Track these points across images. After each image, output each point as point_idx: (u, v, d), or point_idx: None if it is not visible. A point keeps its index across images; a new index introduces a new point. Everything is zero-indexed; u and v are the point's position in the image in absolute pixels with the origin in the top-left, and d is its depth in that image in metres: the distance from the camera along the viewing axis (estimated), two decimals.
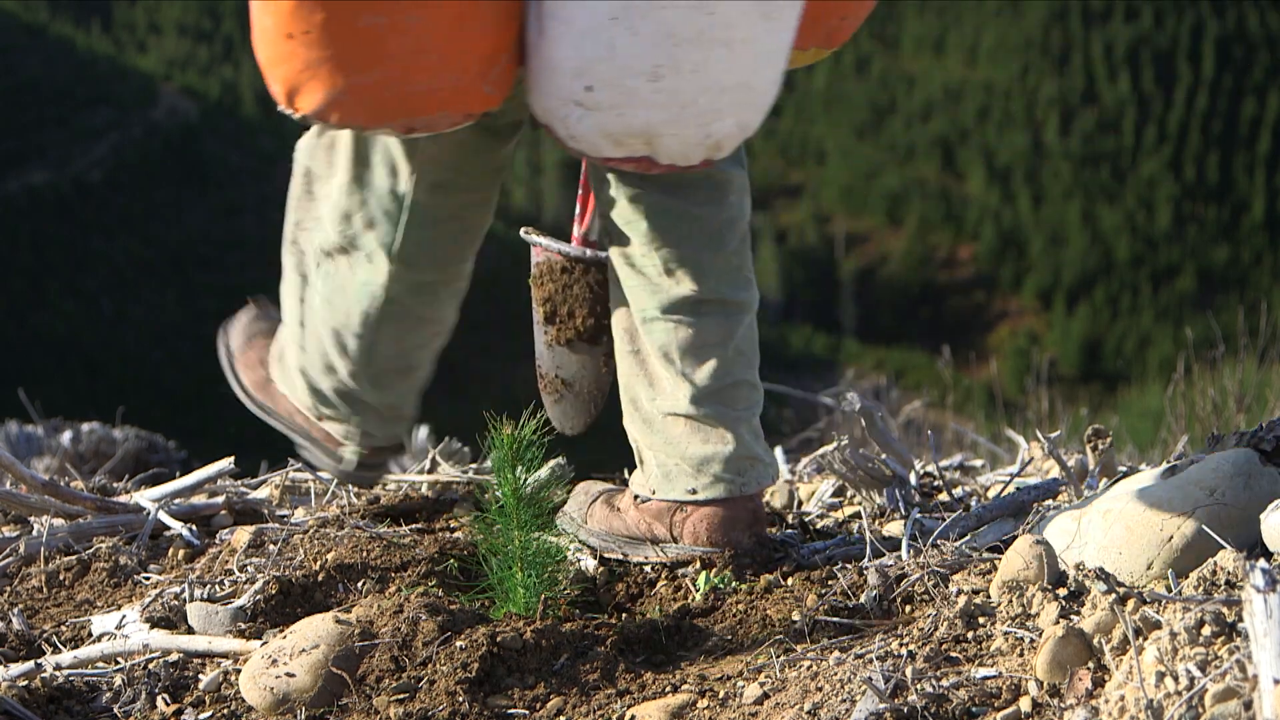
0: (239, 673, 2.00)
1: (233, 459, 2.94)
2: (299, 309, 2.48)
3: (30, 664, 2.13)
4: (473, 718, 1.83)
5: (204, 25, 52.66)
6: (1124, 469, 2.79)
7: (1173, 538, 1.97)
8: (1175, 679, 1.49)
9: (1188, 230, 45.92)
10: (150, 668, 2.10)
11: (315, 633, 1.96)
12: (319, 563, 2.36)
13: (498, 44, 2.03)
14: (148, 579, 2.49)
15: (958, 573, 2.09)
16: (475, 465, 3.20)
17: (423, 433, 5.42)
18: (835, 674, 1.78)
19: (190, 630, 2.22)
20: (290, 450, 2.76)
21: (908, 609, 2.03)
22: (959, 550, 2.17)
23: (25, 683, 2.04)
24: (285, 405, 2.60)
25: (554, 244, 2.49)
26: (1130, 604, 1.69)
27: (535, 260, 2.53)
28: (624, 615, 2.24)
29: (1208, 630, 1.56)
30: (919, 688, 1.66)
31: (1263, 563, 1.49)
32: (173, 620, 2.25)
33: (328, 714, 1.90)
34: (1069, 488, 2.56)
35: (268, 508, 2.88)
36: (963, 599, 1.89)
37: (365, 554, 2.38)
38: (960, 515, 2.42)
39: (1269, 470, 2.06)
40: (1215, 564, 1.80)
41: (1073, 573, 1.85)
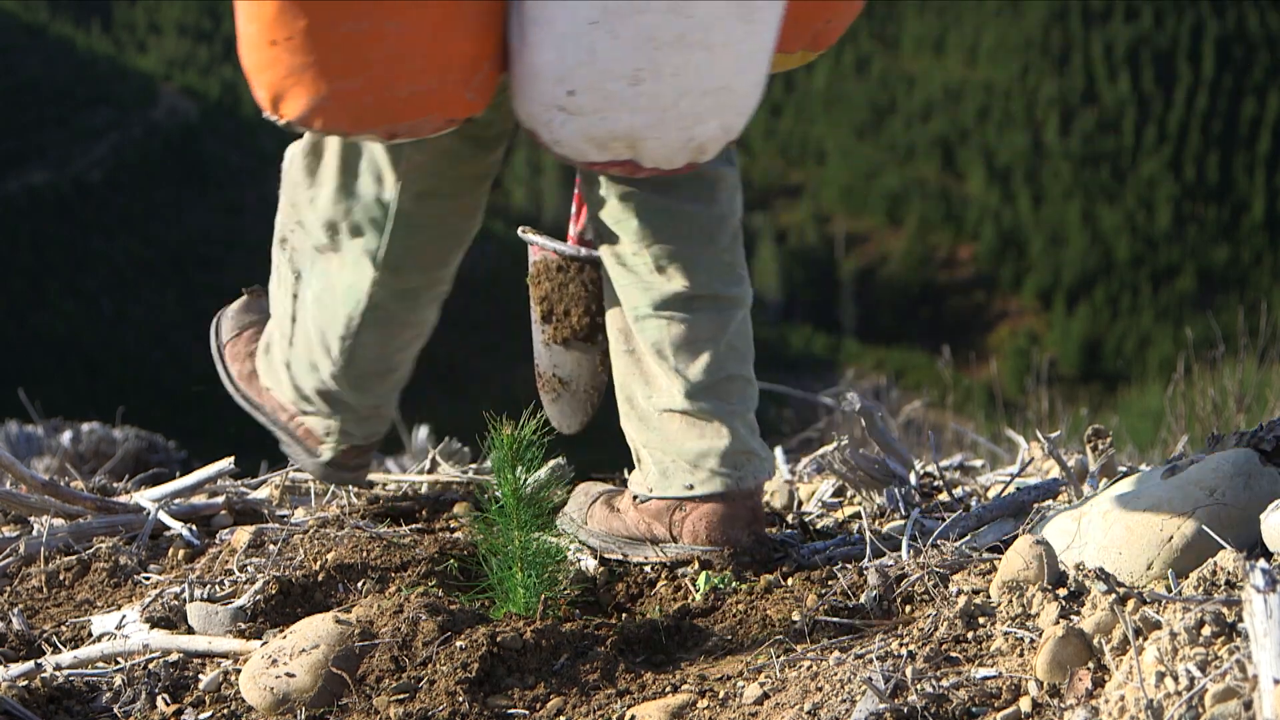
0: (239, 673, 2.00)
1: (233, 459, 2.94)
2: (291, 305, 2.48)
3: (30, 664, 2.13)
4: (473, 718, 1.83)
5: (204, 25, 52.71)
6: (1124, 469, 2.79)
7: (1173, 538, 1.97)
8: (1175, 679, 1.49)
9: (1188, 230, 45.94)
10: (150, 668, 2.09)
11: (315, 633, 1.96)
12: (319, 563, 2.36)
13: (480, 50, 2.03)
14: (148, 579, 2.49)
15: (958, 573, 2.09)
16: (475, 465, 3.20)
17: (423, 433, 5.43)
18: (835, 674, 1.78)
19: (190, 630, 2.22)
20: None
21: (908, 609, 2.03)
22: (959, 550, 2.17)
23: (25, 683, 2.03)
24: (268, 399, 2.60)
25: (550, 243, 2.50)
26: (1130, 604, 1.69)
27: (532, 259, 2.54)
28: (624, 615, 2.24)
29: (1208, 630, 1.56)
30: (919, 688, 1.66)
31: (1263, 563, 1.49)
32: (173, 620, 2.25)
33: (328, 714, 1.90)
34: (1069, 488, 2.56)
35: (268, 508, 2.88)
36: (963, 599, 1.89)
37: (365, 554, 2.38)
38: (960, 515, 2.42)
39: (1269, 470, 2.06)
40: (1215, 564, 1.80)
41: (1073, 573, 1.85)
